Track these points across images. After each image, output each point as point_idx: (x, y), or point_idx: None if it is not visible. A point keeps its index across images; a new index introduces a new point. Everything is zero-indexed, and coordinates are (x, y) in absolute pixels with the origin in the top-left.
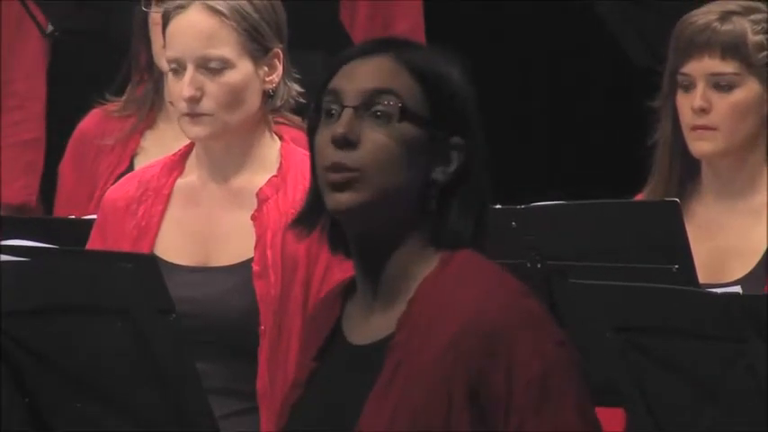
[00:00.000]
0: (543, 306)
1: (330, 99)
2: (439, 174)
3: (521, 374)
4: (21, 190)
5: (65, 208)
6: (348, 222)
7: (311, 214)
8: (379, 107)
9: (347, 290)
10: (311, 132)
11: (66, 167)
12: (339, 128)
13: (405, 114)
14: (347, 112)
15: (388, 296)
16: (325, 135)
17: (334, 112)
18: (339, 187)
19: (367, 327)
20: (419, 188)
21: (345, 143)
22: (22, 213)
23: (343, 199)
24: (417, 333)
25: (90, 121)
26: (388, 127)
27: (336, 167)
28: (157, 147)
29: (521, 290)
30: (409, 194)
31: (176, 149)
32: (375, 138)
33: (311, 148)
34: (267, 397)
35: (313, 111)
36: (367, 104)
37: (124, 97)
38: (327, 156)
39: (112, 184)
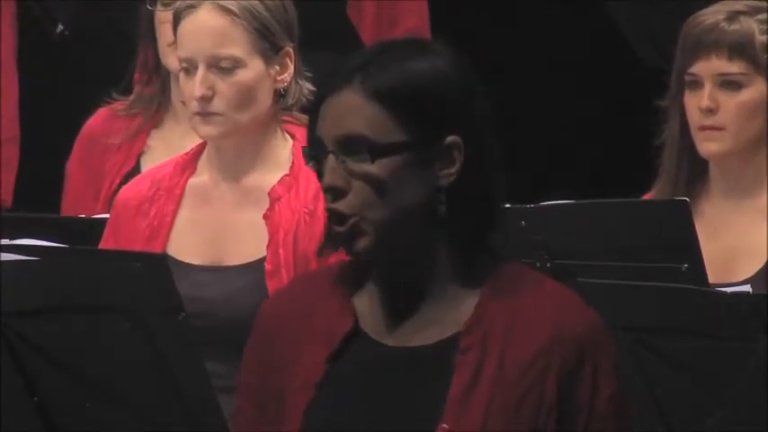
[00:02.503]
0: None
1: (319, 145)
2: (444, 178)
3: (604, 386)
4: None
5: (72, 207)
6: (370, 259)
7: (332, 236)
8: (354, 151)
9: (340, 287)
10: (318, 173)
11: (72, 166)
12: (326, 179)
13: (376, 153)
14: (329, 160)
15: (425, 301)
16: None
17: (322, 155)
18: (347, 239)
19: (406, 328)
20: (427, 200)
21: (335, 192)
22: None
23: (357, 248)
24: (494, 338)
25: (96, 120)
26: (368, 168)
27: (333, 216)
28: (164, 146)
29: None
30: (418, 210)
31: (183, 148)
32: (359, 184)
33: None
34: None
35: (310, 156)
36: (342, 149)
37: (132, 97)
38: (327, 206)
39: (119, 182)
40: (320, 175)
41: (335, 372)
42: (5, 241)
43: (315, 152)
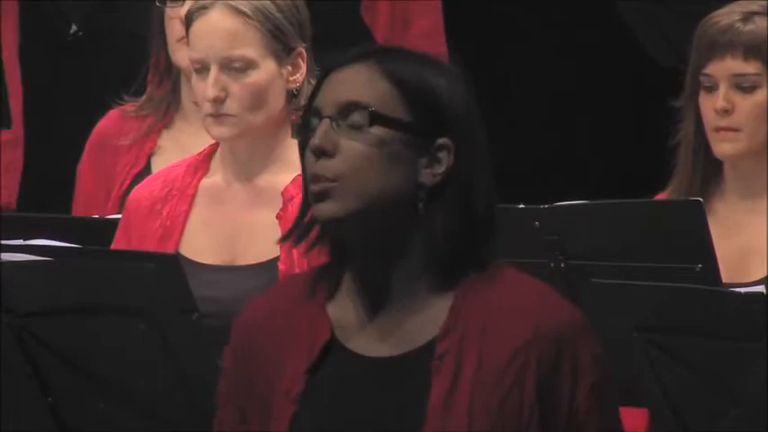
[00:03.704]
0: None
1: (312, 114)
2: (427, 176)
3: (584, 380)
4: (1, 191)
5: (83, 209)
6: (336, 232)
7: (304, 225)
8: (353, 117)
9: (315, 294)
10: (302, 147)
11: (83, 168)
12: (315, 139)
13: (376, 119)
14: (324, 123)
15: (400, 306)
16: (307, 149)
17: (314, 126)
18: (320, 197)
19: (378, 338)
20: (407, 191)
21: (322, 153)
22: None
23: (324, 209)
24: (471, 339)
25: (107, 122)
26: (363, 133)
27: (315, 178)
28: (174, 146)
29: (565, 298)
30: (398, 198)
31: (193, 148)
32: (351, 146)
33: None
34: None
35: (301, 127)
36: (342, 115)
37: (143, 98)
38: (309, 168)
39: (130, 183)
40: (303, 148)
41: (316, 383)
42: (18, 242)
43: (304, 123)
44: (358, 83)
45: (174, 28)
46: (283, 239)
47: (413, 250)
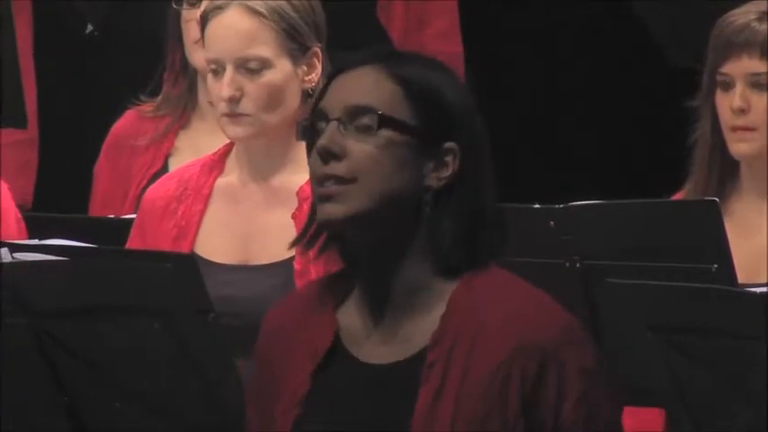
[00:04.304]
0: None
1: (318, 116)
2: (433, 180)
3: (569, 393)
4: (17, 191)
5: (100, 209)
6: (338, 233)
7: (312, 231)
8: (362, 120)
9: (326, 299)
10: (309, 150)
11: (101, 169)
12: (323, 140)
13: (384, 122)
14: (331, 126)
15: (402, 311)
16: (314, 151)
17: (321, 128)
18: (327, 199)
19: (380, 344)
20: (414, 195)
21: (329, 155)
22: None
23: (330, 210)
24: (460, 349)
25: (124, 122)
26: (371, 136)
27: (325, 178)
28: (191, 146)
29: (559, 305)
30: (404, 201)
31: (210, 149)
32: (359, 148)
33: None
34: None
35: (307, 129)
36: (350, 117)
37: (159, 98)
38: (316, 170)
39: (147, 183)
40: (310, 151)
41: (319, 388)
42: (34, 241)
43: (311, 125)
44: (366, 86)
45: (190, 30)
46: (294, 243)
47: (417, 254)
